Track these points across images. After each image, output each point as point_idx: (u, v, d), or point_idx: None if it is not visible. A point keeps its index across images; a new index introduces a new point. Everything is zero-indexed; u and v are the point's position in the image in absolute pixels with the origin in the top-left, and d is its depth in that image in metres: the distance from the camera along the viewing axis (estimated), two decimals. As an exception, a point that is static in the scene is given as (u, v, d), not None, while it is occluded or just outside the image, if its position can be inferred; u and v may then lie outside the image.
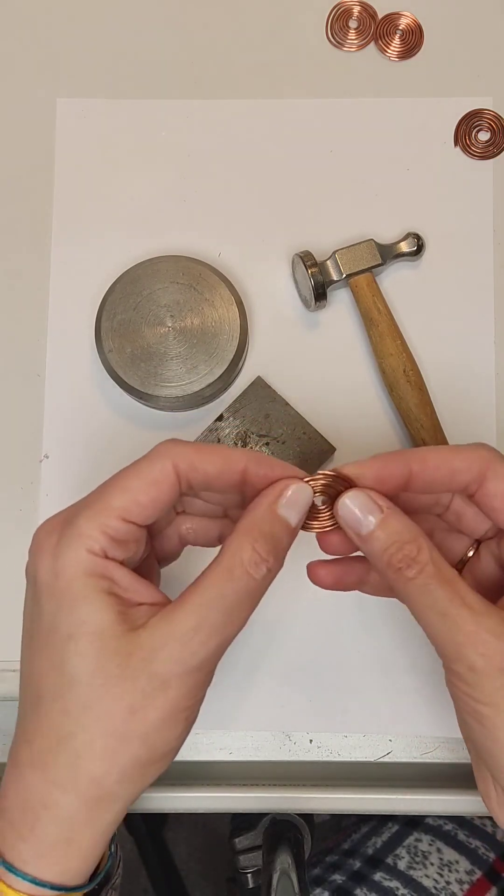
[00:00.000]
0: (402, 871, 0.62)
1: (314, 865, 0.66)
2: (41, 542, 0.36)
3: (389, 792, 0.51)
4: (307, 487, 0.38)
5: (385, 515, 0.37)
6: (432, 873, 0.62)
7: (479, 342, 0.56)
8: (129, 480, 0.36)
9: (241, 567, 0.35)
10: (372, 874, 0.63)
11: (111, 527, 0.35)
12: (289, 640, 0.53)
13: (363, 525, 0.37)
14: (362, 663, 0.53)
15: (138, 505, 0.36)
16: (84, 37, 0.60)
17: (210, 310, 0.53)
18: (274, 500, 0.37)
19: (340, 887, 0.62)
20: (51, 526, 0.37)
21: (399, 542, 0.36)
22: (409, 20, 0.59)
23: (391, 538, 0.36)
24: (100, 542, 0.35)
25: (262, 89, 0.59)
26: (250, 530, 0.36)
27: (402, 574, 0.36)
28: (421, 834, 0.65)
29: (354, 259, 0.54)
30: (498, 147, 0.58)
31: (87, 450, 0.55)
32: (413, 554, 0.36)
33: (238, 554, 0.35)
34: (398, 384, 0.53)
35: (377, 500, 0.37)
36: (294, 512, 0.37)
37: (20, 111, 0.59)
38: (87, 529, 0.35)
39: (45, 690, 0.35)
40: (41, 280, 0.57)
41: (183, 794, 0.51)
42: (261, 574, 0.35)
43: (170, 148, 0.58)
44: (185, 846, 1.15)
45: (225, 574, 0.35)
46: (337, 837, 0.70)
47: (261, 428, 0.54)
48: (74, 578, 0.35)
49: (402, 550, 0.36)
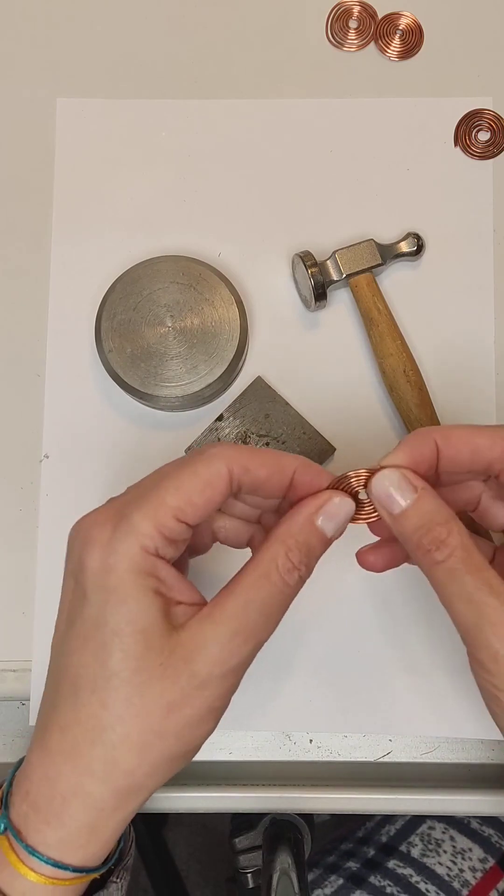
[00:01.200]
0: (415, 859, 0.63)
1: (328, 853, 0.67)
2: (91, 534, 0.36)
3: (389, 792, 0.51)
4: (350, 502, 0.38)
5: (419, 496, 0.37)
6: (445, 861, 0.62)
7: (479, 342, 0.56)
8: (183, 480, 0.36)
9: (276, 573, 0.36)
10: (386, 862, 0.63)
11: (166, 526, 0.35)
12: (289, 640, 0.53)
13: (395, 504, 0.37)
14: (362, 663, 0.53)
15: (192, 505, 0.36)
16: (84, 37, 0.60)
17: (210, 310, 0.53)
18: (315, 511, 0.37)
19: (355, 874, 0.63)
20: (102, 518, 0.36)
21: (430, 523, 0.36)
22: (409, 20, 0.59)
23: (423, 519, 0.36)
24: (154, 540, 0.35)
25: (262, 89, 0.59)
26: (286, 539, 0.37)
27: (430, 556, 0.36)
28: (434, 822, 0.66)
29: (354, 259, 0.54)
30: (498, 147, 0.58)
31: (87, 450, 0.55)
32: (443, 537, 0.36)
33: (275, 560, 0.36)
34: (398, 384, 0.53)
35: (412, 479, 0.37)
36: (332, 524, 0.38)
37: (20, 111, 0.59)
38: (143, 527, 0.35)
39: (84, 681, 0.35)
40: (41, 280, 0.57)
41: (183, 794, 0.51)
42: (294, 580, 0.36)
43: (170, 148, 0.58)
44: (185, 846, 1.15)
45: (262, 580, 0.36)
46: (350, 825, 0.70)
47: (261, 428, 0.54)
48: (126, 574, 0.35)
49: (433, 532, 0.36)
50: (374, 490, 0.38)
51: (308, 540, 0.37)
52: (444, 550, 0.36)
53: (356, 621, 0.53)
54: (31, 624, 0.54)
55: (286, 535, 0.37)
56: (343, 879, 0.63)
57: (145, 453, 0.55)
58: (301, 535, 0.37)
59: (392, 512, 0.37)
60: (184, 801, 0.52)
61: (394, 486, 0.37)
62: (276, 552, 0.36)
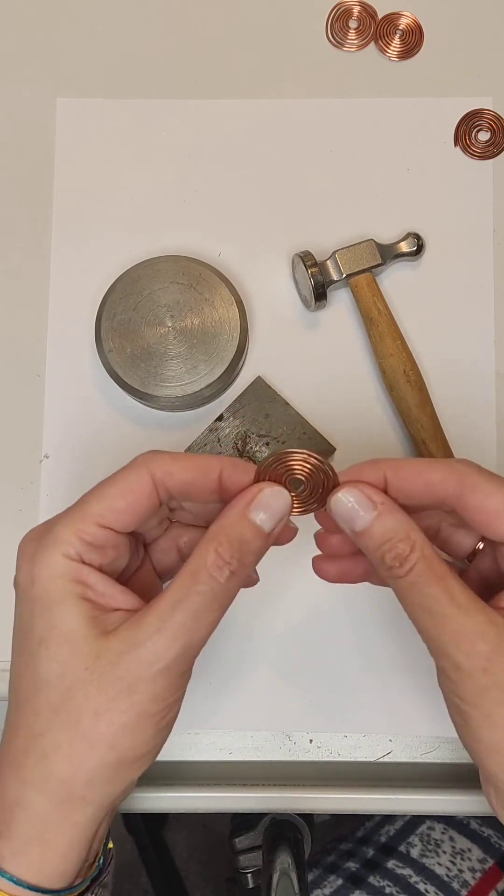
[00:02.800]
0: (414, 859, 0.63)
1: (328, 853, 0.67)
2: (22, 549, 0.37)
3: (389, 792, 0.51)
4: (284, 492, 0.37)
5: (379, 512, 0.37)
6: (445, 861, 0.62)
7: (479, 342, 0.56)
8: (106, 488, 0.37)
9: (204, 570, 0.35)
10: (385, 862, 0.63)
11: (87, 532, 0.36)
12: (289, 640, 0.53)
13: (357, 521, 0.37)
14: (362, 663, 0.53)
15: (114, 511, 0.36)
16: (84, 37, 0.60)
17: (210, 310, 0.53)
18: (245, 504, 0.37)
19: (354, 875, 0.63)
20: (32, 534, 0.38)
21: (392, 539, 0.36)
22: (409, 20, 0.59)
23: (385, 536, 0.36)
24: (75, 547, 0.36)
25: (262, 89, 0.59)
26: (216, 534, 0.36)
27: (392, 571, 0.36)
28: (433, 822, 0.66)
29: (354, 259, 0.54)
30: (498, 147, 0.58)
31: (87, 450, 0.55)
32: (405, 552, 0.36)
33: (202, 557, 0.35)
34: (398, 384, 0.53)
35: (372, 495, 0.37)
36: (268, 517, 0.37)
37: (20, 111, 0.59)
38: (63, 535, 0.36)
39: (20, 690, 0.36)
40: (41, 280, 0.57)
41: (183, 794, 0.51)
42: (224, 577, 0.35)
43: (170, 148, 0.58)
44: (185, 846, 1.15)
45: (189, 578, 0.35)
46: (350, 825, 0.70)
47: (261, 428, 0.54)
48: (49, 582, 0.35)
49: (395, 549, 0.36)
50: (335, 507, 0.37)
51: (240, 535, 0.36)
52: (406, 565, 0.36)
53: (356, 621, 0.53)
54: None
55: (216, 531, 0.36)
56: (342, 879, 0.63)
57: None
58: (232, 530, 0.36)
59: (354, 528, 0.37)
60: (184, 801, 0.52)
61: (355, 502, 0.37)
62: (205, 549, 0.36)
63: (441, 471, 0.37)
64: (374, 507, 0.37)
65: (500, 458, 0.55)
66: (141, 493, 0.37)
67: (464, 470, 0.37)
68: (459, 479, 0.37)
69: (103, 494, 0.37)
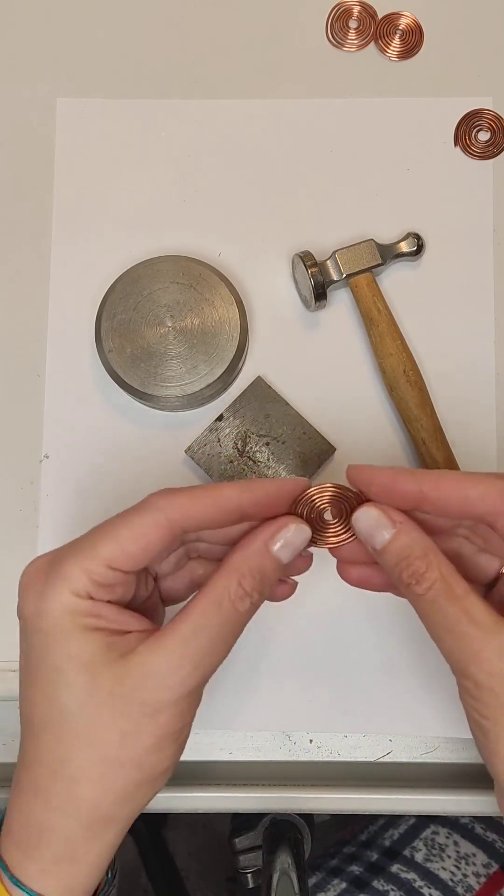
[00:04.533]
0: (419, 864, 0.63)
1: (331, 856, 0.67)
2: (28, 582, 0.37)
3: (389, 792, 0.51)
4: (305, 529, 0.39)
5: (397, 531, 0.37)
6: (449, 866, 0.62)
7: (479, 342, 0.56)
8: (118, 530, 0.37)
9: (228, 601, 0.36)
10: (389, 866, 0.63)
11: (96, 573, 0.36)
12: (289, 640, 0.53)
13: (377, 539, 0.38)
14: (362, 663, 0.53)
15: (125, 553, 0.36)
16: (84, 37, 0.60)
17: (210, 310, 0.53)
18: (269, 537, 0.38)
19: (358, 878, 0.63)
20: (37, 566, 0.38)
21: (409, 557, 0.37)
22: (409, 20, 0.59)
23: (402, 553, 0.37)
24: (84, 586, 0.36)
25: (262, 89, 0.59)
26: (240, 566, 0.37)
27: (412, 589, 0.37)
28: (438, 827, 0.66)
29: (354, 259, 0.54)
30: (498, 147, 0.58)
31: (87, 450, 0.55)
32: (422, 570, 0.36)
33: (227, 589, 0.36)
34: (398, 384, 0.53)
35: (391, 514, 0.38)
36: (288, 551, 0.38)
37: (20, 111, 0.59)
38: (72, 573, 0.36)
39: (37, 719, 0.36)
40: (41, 280, 0.57)
41: (183, 794, 0.51)
42: (245, 607, 0.37)
43: (170, 148, 0.58)
44: (185, 846, 1.15)
45: (213, 606, 0.36)
46: (353, 828, 0.70)
47: (261, 428, 0.54)
48: (59, 617, 0.36)
49: (412, 566, 0.37)
50: (357, 526, 0.39)
51: (262, 566, 0.37)
52: (424, 584, 0.36)
53: (356, 621, 0.53)
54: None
55: (240, 561, 0.37)
56: (346, 883, 0.63)
57: (145, 453, 0.55)
58: (254, 562, 0.37)
59: (374, 546, 0.38)
60: (184, 801, 0.52)
61: (373, 521, 0.38)
62: (228, 579, 0.37)
63: (481, 486, 0.37)
64: (392, 525, 0.37)
65: (500, 458, 0.55)
66: (154, 538, 0.37)
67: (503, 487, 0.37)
68: (499, 497, 0.37)
69: (115, 536, 0.36)
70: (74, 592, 0.36)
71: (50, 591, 0.36)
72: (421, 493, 0.38)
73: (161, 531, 0.37)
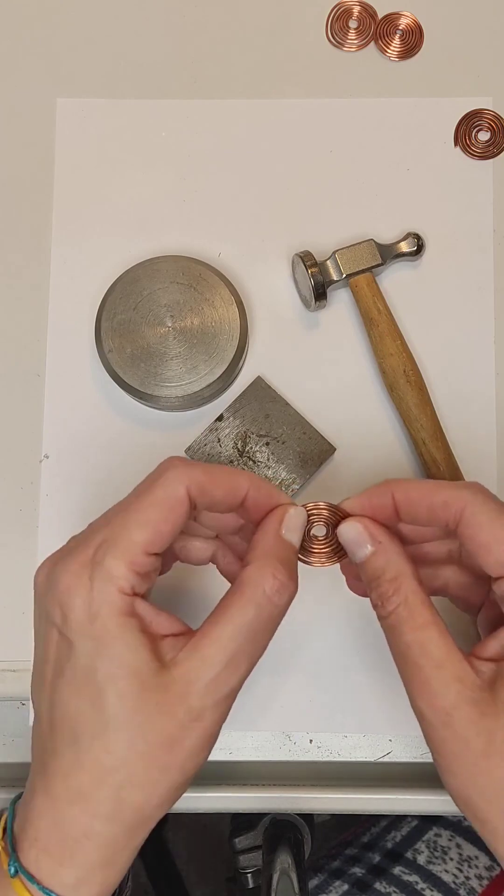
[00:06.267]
0: (421, 866, 0.63)
1: (333, 858, 0.67)
2: (67, 584, 0.36)
3: (389, 792, 0.51)
4: (302, 510, 0.39)
5: (375, 550, 0.38)
6: (451, 868, 0.62)
7: (479, 342, 0.56)
8: (147, 511, 0.36)
9: (264, 596, 0.36)
10: (391, 868, 0.63)
11: (138, 562, 0.36)
12: (289, 640, 0.53)
13: (356, 554, 0.39)
14: (362, 663, 0.53)
15: (159, 535, 0.36)
16: (84, 37, 0.60)
17: (210, 310, 0.53)
18: (278, 525, 0.38)
19: (360, 880, 0.63)
20: (76, 565, 0.36)
21: (380, 578, 0.37)
22: (409, 20, 0.59)
23: (375, 574, 0.38)
24: (129, 580, 0.36)
25: (262, 89, 0.59)
26: (268, 559, 0.37)
27: (377, 610, 0.38)
28: (440, 829, 0.66)
29: (354, 259, 0.54)
30: (498, 147, 0.58)
31: (87, 450, 0.55)
32: (389, 594, 0.37)
33: (261, 584, 0.36)
34: (398, 384, 0.53)
35: (372, 530, 0.38)
36: (296, 535, 0.39)
37: (20, 111, 0.59)
38: (117, 569, 0.35)
39: (83, 728, 0.35)
40: (41, 280, 0.57)
41: (183, 794, 0.51)
42: (284, 600, 0.37)
43: (170, 148, 0.58)
44: (185, 846, 1.15)
45: (250, 605, 0.36)
46: (355, 830, 0.70)
47: (261, 428, 0.54)
48: (109, 619, 0.35)
49: (381, 588, 0.37)
50: (341, 537, 0.40)
51: (286, 555, 0.38)
52: (388, 607, 0.37)
53: (357, 621, 0.53)
54: (31, 624, 0.54)
55: (265, 555, 0.37)
56: (348, 885, 0.63)
57: (145, 453, 0.55)
58: (279, 552, 0.38)
59: (355, 560, 0.39)
60: (184, 801, 0.51)
61: (353, 537, 0.39)
62: (261, 575, 0.37)
63: (444, 494, 0.38)
64: (370, 543, 0.38)
65: (500, 458, 0.55)
66: (180, 512, 0.37)
67: (466, 496, 0.37)
68: (460, 505, 0.37)
69: (146, 519, 0.36)
70: (121, 589, 0.35)
71: (97, 593, 0.35)
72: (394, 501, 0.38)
73: (184, 506, 0.37)
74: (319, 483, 0.54)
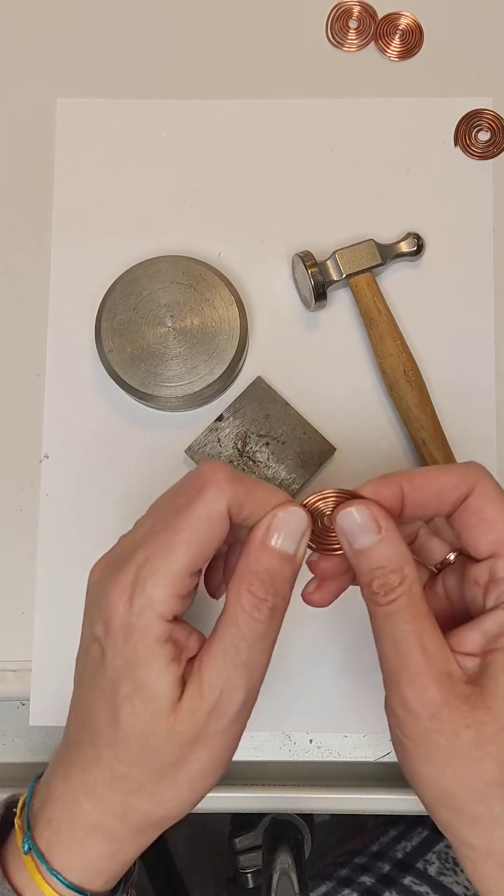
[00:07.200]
0: (431, 877, 0.62)
1: (342, 866, 0.66)
2: (114, 603, 0.35)
3: (389, 792, 0.51)
4: (298, 510, 0.37)
5: (381, 538, 0.37)
6: (463, 880, 0.62)
7: (479, 342, 0.56)
8: (188, 532, 0.35)
9: (243, 615, 0.35)
10: (401, 878, 0.63)
11: (180, 586, 0.35)
12: (289, 640, 0.53)
13: (359, 540, 0.37)
14: (362, 663, 0.53)
15: (202, 556, 0.36)
16: (84, 37, 0.60)
17: (210, 310, 0.53)
18: (263, 533, 0.36)
19: (370, 889, 0.62)
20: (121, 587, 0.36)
21: (386, 568, 0.36)
22: (409, 20, 0.59)
23: (380, 562, 0.36)
24: (170, 606, 0.35)
25: (262, 89, 0.59)
26: (243, 574, 0.36)
27: (376, 598, 0.36)
28: None
29: (354, 259, 0.54)
30: (498, 147, 0.58)
31: (87, 450, 0.55)
32: (393, 584, 0.36)
33: (237, 603, 0.36)
34: (398, 384, 0.53)
35: (379, 518, 0.37)
36: (290, 539, 0.36)
37: (20, 111, 0.59)
38: (160, 595, 0.35)
39: (101, 734, 0.36)
40: (41, 280, 0.57)
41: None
42: (264, 615, 0.36)
43: (170, 148, 0.58)
44: (185, 846, 1.15)
45: (231, 627, 0.36)
46: (364, 838, 0.69)
47: (261, 428, 0.54)
48: (141, 643, 0.35)
49: (386, 578, 0.36)
50: (340, 521, 0.37)
51: (268, 566, 0.36)
52: (390, 595, 0.36)
53: (356, 621, 0.53)
54: (31, 624, 0.54)
55: (243, 569, 0.36)
56: (357, 894, 0.62)
57: (145, 453, 0.55)
58: (259, 563, 0.36)
59: (353, 546, 0.37)
60: (184, 801, 0.51)
61: (362, 521, 0.36)
62: (237, 591, 0.36)
63: (455, 474, 0.37)
64: (378, 530, 0.36)
65: (500, 458, 0.55)
66: (222, 532, 0.36)
67: (474, 472, 0.37)
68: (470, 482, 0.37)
69: (190, 541, 0.35)
70: (161, 616, 0.35)
71: (136, 619, 0.35)
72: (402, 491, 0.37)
73: (226, 526, 0.36)
74: (319, 483, 0.54)
